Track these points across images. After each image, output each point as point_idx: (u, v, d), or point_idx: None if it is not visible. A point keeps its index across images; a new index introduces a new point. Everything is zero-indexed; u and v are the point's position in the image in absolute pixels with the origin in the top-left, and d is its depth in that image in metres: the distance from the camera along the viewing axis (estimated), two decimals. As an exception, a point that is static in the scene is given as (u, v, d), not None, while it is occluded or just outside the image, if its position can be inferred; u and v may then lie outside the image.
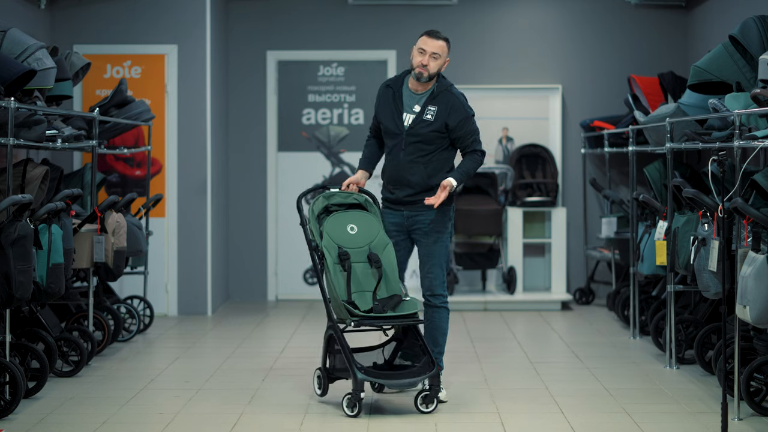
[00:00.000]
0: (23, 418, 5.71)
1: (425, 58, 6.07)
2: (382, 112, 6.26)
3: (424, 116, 6.14)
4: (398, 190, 6.21)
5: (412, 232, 6.25)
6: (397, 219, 6.25)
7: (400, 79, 6.28)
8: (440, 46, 6.09)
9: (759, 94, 5.96)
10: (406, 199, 6.20)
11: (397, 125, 6.18)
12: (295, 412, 5.88)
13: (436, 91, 6.16)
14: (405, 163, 6.17)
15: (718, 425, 5.42)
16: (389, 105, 6.23)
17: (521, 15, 10.73)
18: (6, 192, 6.12)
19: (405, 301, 5.97)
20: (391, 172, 6.23)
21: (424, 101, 6.16)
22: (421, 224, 6.20)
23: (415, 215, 6.20)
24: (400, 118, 6.18)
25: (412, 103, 6.19)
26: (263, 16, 10.64)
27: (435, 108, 6.14)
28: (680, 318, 7.25)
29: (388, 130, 6.23)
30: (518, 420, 5.71)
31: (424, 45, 6.09)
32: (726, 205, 5.53)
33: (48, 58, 6.74)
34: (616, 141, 9.74)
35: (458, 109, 6.15)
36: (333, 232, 5.99)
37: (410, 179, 6.16)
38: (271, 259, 10.55)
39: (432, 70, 6.09)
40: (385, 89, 6.30)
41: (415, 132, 6.15)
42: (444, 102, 6.15)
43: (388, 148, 6.25)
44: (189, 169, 9.61)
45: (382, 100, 6.28)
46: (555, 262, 10.31)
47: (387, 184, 6.28)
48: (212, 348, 8.10)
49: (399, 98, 6.20)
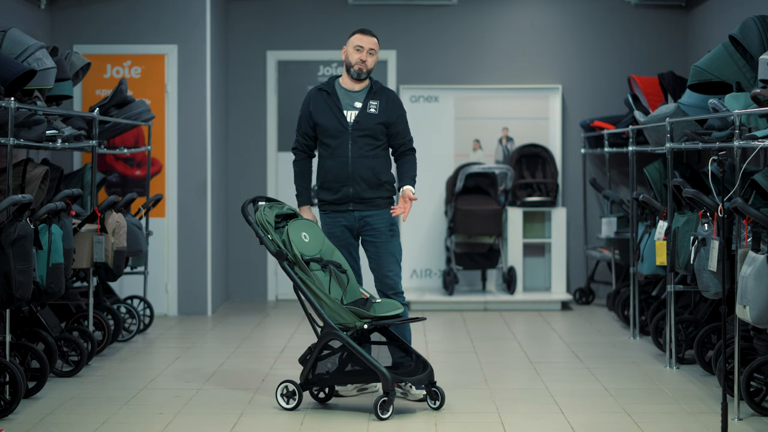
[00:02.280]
0: (23, 418, 5.71)
1: (363, 54, 6.22)
2: (320, 114, 6.27)
3: (368, 110, 6.25)
4: (346, 187, 6.20)
5: (364, 233, 6.25)
6: (346, 221, 6.24)
7: (331, 83, 6.35)
8: (376, 42, 6.28)
9: (759, 94, 5.96)
10: (357, 197, 6.20)
11: (341, 122, 6.23)
12: (295, 412, 5.88)
13: (375, 87, 6.32)
14: (354, 158, 6.19)
15: (718, 425, 5.42)
16: (326, 106, 6.27)
17: (521, 15, 10.73)
18: (6, 192, 6.12)
19: (380, 302, 5.97)
20: (336, 171, 6.21)
21: (365, 97, 6.28)
22: (375, 224, 6.22)
23: (366, 216, 6.23)
24: (342, 115, 6.24)
25: (350, 101, 6.28)
26: (263, 16, 10.64)
27: (377, 102, 6.28)
28: (680, 318, 7.25)
29: (329, 129, 6.24)
30: (518, 420, 5.71)
31: (360, 42, 6.24)
32: (726, 205, 5.53)
33: (48, 58, 6.74)
34: (616, 141, 9.74)
35: (397, 104, 6.34)
36: (295, 239, 5.91)
37: (361, 174, 6.19)
38: (271, 259, 10.54)
39: (370, 66, 6.26)
40: (317, 92, 6.34)
41: (361, 126, 6.22)
42: (384, 97, 6.31)
43: (331, 148, 6.23)
44: (189, 169, 9.61)
45: (316, 103, 6.31)
46: (555, 262, 10.31)
47: (330, 185, 6.23)
48: (212, 348, 8.10)
49: (336, 98, 6.27)
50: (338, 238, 6.23)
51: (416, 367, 5.90)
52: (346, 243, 6.25)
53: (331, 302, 5.81)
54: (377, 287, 6.29)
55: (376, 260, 6.25)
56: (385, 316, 5.86)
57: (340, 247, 6.20)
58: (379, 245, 6.23)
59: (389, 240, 6.25)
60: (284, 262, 5.88)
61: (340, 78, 6.36)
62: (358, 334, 5.87)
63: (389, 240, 6.25)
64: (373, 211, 6.22)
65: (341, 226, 6.24)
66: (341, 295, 5.92)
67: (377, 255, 6.24)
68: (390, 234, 6.25)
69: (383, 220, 6.23)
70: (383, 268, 6.24)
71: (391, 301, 5.98)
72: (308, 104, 6.34)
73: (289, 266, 5.88)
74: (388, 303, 5.96)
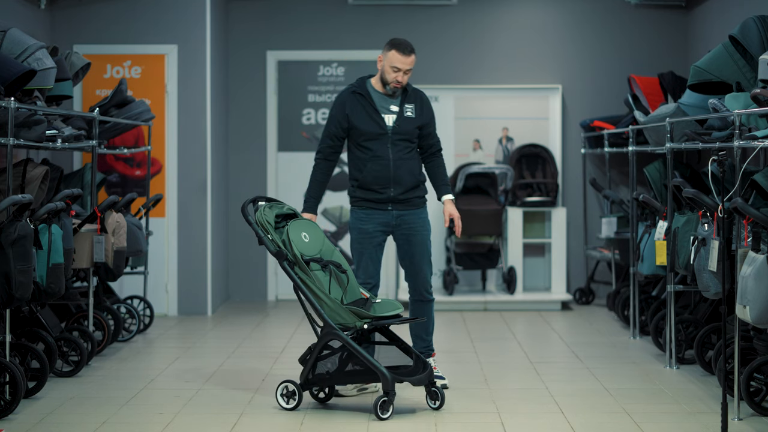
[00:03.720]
0: (23, 418, 5.71)
1: (400, 75, 6.26)
2: (357, 117, 6.31)
3: (405, 114, 6.32)
4: (387, 189, 6.30)
5: (398, 230, 6.34)
6: (384, 218, 6.32)
7: (362, 85, 6.37)
8: (413, 60, 6.30)
9: (759, 94, 5.96)
10: (398, 198, 6.30)
11: (380, 126, 6.28)
12: (295, 412, 5.88)
13: (409, 90, 6.38)
14: (395, 161, 6.29)
15: (718, 425, 5.42)
16: (362, 109, 6.31)
17: (521, 15, 10.74)
18: (6, 192, 6.11)
19: (380, 302, 5.98)
20: (377, 173, 6.29)
21: (401, 101, 6.34)
22: (412, 223, 6.34)
23: (404, 214, 6.34)
24: (380, 118, 6.29)
25: (386, 104, 6.33)
26: (263, 16, 10.64)
27: (412, 105, 6.37)
28: (680, 318, 7.25)
29: (368, 133, 6.29)
30: (518, 420, 5.71)
31: (398, 63, 6.24)
32: (726, 205, 5.53)
33: (48, 58, 6.74)
34: (616, 141, 9.74)
35: (429, 106, 6.46)
36: (295, 239, 5.93)
37: (402, 177, 6.30)
38: (271, 259, 10.54)
39: (404, 83, 6.32)
40: (351, 95, 6.35)
41: (400, 130, 6.30)
42: (417, 99, 6.40)
43: (371, 150, 6.29)
44: (189, 169, 9.61)
45: (353, 106, 6.33)
46: (555, 262, 10.31)
47: (371, 186, 6.31)
48: (212, 348, 8.10)
49: (371, 101, 6.31)
50: (370, 234, 6.32)
51: (416, 367, 5.90)
52: (378, 241, 6.34)
53: (331, 302, 5.81)
54: (410, 284, 6.41)
55: (410, 258, 6.37)
56: (385, 316, 5.86)
57: (370, 245, 6.30)
58: (414, 244, 6.35)
59: (424, 239, 6.38)
60: (284, 262, 5.89)
61: (372, 79, 6.38)
62: (358, 334, 5.88)
63: (424, 239, 6.38)
64: (410, 210, 6.35)
65: (376, 223, 6.32)
66: (341, 295, 5.92)
67: (411, 253, 6.36)
68: (424, 233, 6.38)
69: (420, 219, 6.38)
70: (415, 266, 6.37)
71: (391, 301, 5.99)
72: (343, 106, 6.34)
73: (289, 266, 5.88)
74: (388, 303, 5.97)
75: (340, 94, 6.43)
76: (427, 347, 6.48)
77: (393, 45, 6.26)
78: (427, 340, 6.48)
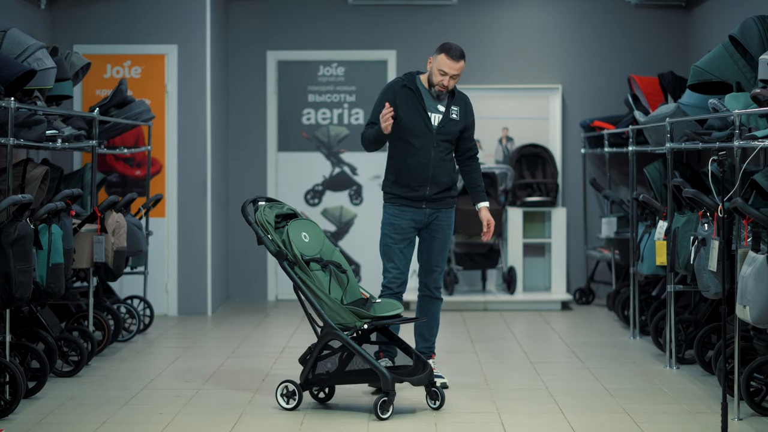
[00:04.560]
0: (23, 418, 5.71)
1: (447, 80, 6.23)
2: (406, 111, 6.28)
3: (451, 116, 6.33)
4: (424, 188, 6.32)
5: (429, 228, 6.39)
6: (417, 216, 6.36)
7: (413, 80, 6.35)
8: (461, 66, 6.25)
9: (759, 94, 5.96)
10: (432, 197, 6.34)
11: (426, 124, 6.28)
12: (295, 412, 5.88)
13: (455, 93, 6.39)
14: (435, 161, 6.31)
15: (718, 425, 5.42)
16: (413, 105, 6.30)
17: (521, 15, 10.74)
18: (6, 192, 6.11)
19: (380, 302, 5.98)
20: (416, 171, 6.30)
21: (447, 102, 6.34)
22: (441, 221, 6.40)
23: (436, 212, 6.38)
24: (427, 116, 6.29)
25: (433, 103, 6.32)
26: (263, 16, 10.65)
27: (457, 108, 6.37)
28: (680, 318, 7.25)
29: (414, 129, 6.28)
30: (518, 420, 5.71)
31: (446, 68, 6.21)
32: (726, 205, 5.53)
33: (48, 58, 6.74)
34: (616, 141, 9.74)
35: (471, 109, 6.48)
36: (295, 239, 5.92)
37: (440, 177, 6.33)
38: (271, 259, 10.54)
39: (450, 87, 6.30)
40: (402, 89, 6.32)
41: (445, 131, 6.33)
42: (462, 102, 6.42)
43: (413, 147, 6.28)
44: (189, 169, 9.61)
45: (403, 99, 6.30)
46: (555, 262, 10.31)
47: (407, 183, 6.32)
48: (212, 348, 8.10)
49: (420, 98, 6.30)
50: (403, 230, 6.34)
51: (416, 367, 5.90)
52: (409, 237, 6.37)
53: (331, 302, 5.81)
54: (421, 279, 6.43)
55: (429, 253, 6.40)
56: (385, 316, 5.87)
57: (401, 240, 6.33)
58: (437, 240, 6.39)
59: (447, 238, 6.43)
60: (284, 262, 5.89)
61: (421, 76, 6.37)
62: (358, 334, 5.88)
63: (447, 238, 6.43)
64: (442, 209, 6.40)
65: (409, 219, 6.34)
66: (341, 295, 5.93)
67: (431, 249, 6.39)
68: (449, 231, 6.44)
69: (448, 218, 6.44)
70: (433, 262, 6.40)
71: (391, 301, 5.98)
72: (393, 97, 6.29)
73: (289, 266, 5.88)
74: (387, 303, 5.97)
75: (390, 85, 6.38)
76: (429, 348, 6.49)
77: (443, 49, 6.23)
78: (430, 340, 6.49)
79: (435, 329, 6.49)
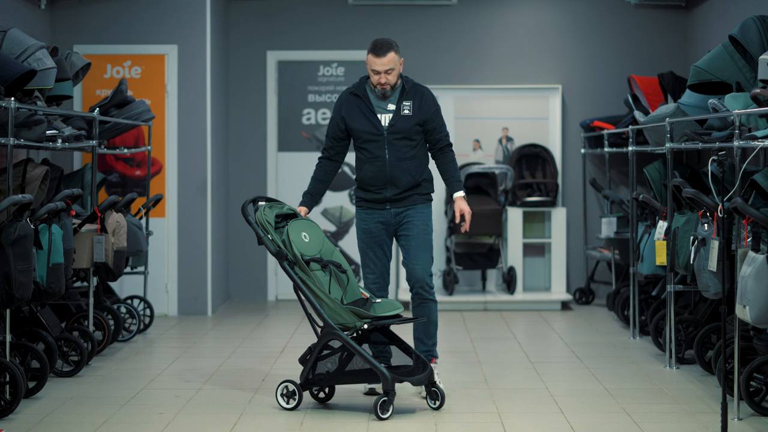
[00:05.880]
0: (23, 418, 5.72)
1: (381, 77, 6.14)
2: (353, 118, 6.23)
3: (402, 112, 6.20)
4: (384, 190, 6.22)
5: (401, 227, 6.26)
6: (383, 217, 6.26)
7: (361, 85, 6.28)
8: (390, 60, 6.13)
9: (759, 94, 5.97)
10: (394, 198, 6.23)
11: (375, 127, 6.19)
12: (295, 412, 5.88)
13: (407, 86, 6.24)
14: (392, 162, 6.19)
15: (718, 425, 5.42)
16: (359, 110, 6.22)
17: (521, 15, 10.74)
18: (6, 192, 6.12)
19: (380, 302, 5.97)
20: (374, 174, 6.21)
21: (397, 99, 6.21)
22: (411, 218, 6.23)
23: (404, 210, 6.24)
24: (376, 119, 6.19)
25: (382, 103, 6.22)
26: (263, 16, 10.64)
27: (410, 102, 6.22)
28: (680, 318, 7.25)
29: (364, 134, 6.21)
30: (518, 420, 5.71)
31: (376, 66, 6.12)
32: (726, 205, 5.53)
33: (48, 58, 6.74)
34: (616, 141, 9.75)
35: (430, 100, 6.27)
36: (295, 239, 5.91)
37: (400, 179, 6.20)
38: (271, 259, 10.54)
39: (392, 81, 6.17)
40: (349, 96, 6.27)
41: (396, 130, 6.19)
42: (417, 95, 6.24)
43: (368, 152, 6.21)
44: (189, 169, 9.61)
45: (349, 107, 6.25)
46: (555, 262, 10.31)
47: (368, 187, 6.25)
48: (212, 348, 8.10)
49: (368, 101, 6.22)
50: (372, 234, 6.27)
51: (416, 367, 5.90)
52: (380, 240, 6.27)
53: (331, 302, 5.81)
54: (408, 280, 6.26)
55: (407, 250, 6.24)
56: (385, 316, 5.87)
57: (373, 243, 6.25)
58: (410, 238, 6.22)
59: (421, 234, 6.22)
60: (284, 262, 5.88)
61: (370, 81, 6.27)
62: (358, 334, 5.88)
63: (421, 234, 6.22)
64: (409, 207, 6.25)
65: (377, 222, 6.26)
66: (341, 295, 5.93)
67: (408, 247, 6.23)
68: (423, 228, 6.24)
69: (419, 213, 6.25)
70: (411, 257, 6.21)
71: (391, 301, 5.98)
72: (340, 108, 6.28)
73: (289, 266, 5.88)
74: (387, 303, 5.96)
75: (339, 96, 6.36)
76: (428, 352, 6.29)
77: (370, 48, 6.15)
78: (427, 344, 6.29)
79: (431, 330, 6.29)
